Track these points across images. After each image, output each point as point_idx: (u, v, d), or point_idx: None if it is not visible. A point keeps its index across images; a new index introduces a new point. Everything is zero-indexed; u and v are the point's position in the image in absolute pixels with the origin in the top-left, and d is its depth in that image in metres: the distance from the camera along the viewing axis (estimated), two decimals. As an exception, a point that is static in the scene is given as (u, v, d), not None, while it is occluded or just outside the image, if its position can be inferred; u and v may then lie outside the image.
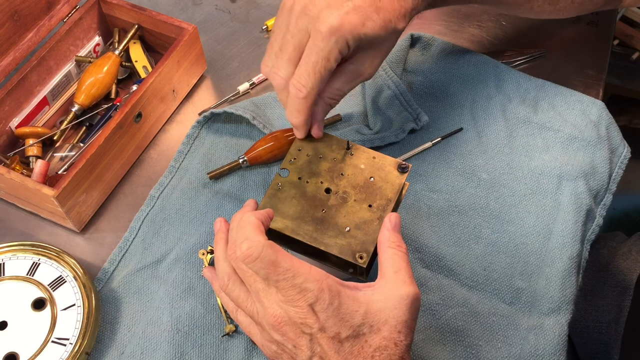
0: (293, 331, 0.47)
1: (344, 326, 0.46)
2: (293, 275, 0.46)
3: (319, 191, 0.56)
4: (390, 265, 0.49)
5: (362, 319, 0.46)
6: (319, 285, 0.46)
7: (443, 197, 0.69)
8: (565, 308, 0.62)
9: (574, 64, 0.81)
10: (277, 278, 0.46)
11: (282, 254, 0.47)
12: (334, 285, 0.47)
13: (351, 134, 0.72)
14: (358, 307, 0.47)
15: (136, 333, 0.61)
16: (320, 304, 0.46)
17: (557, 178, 0.69)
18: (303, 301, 0.46)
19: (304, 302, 0.46)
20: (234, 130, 0.74)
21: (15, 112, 0.71)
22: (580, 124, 0.73)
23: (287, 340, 0.47)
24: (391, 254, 0.50)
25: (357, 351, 0.46)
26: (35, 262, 0.62)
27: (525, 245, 0.66)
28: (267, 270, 0.46)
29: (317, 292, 0.46)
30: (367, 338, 0.46)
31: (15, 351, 0.58)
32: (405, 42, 0.78)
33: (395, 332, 0.46)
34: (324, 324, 0.46)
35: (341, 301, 0.46)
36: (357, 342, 0.46)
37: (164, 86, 0.72)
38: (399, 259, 0.50)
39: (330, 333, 0.46)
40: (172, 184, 0.71)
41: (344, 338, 0.46)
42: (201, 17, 0.87)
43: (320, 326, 0.46)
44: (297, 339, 0.47)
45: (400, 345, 0.46)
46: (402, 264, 0.49)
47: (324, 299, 0.46)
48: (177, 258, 0.65)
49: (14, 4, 0.70)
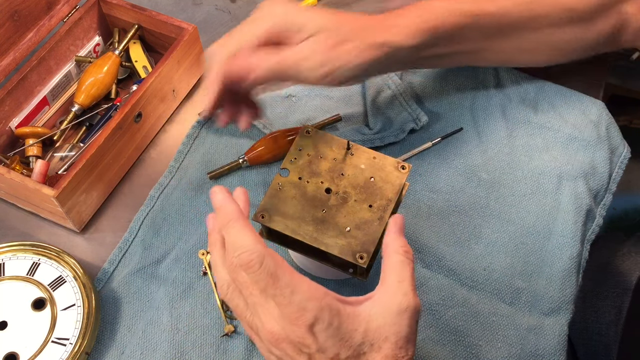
0: (291, 349, 0.45)
1: (343, 347, 0.44)
2: (292, 291, 0.44)
3: (319, 191, 0.56)
4: (394, 274, 0.47)
5: (362, 337, 0.45)
6: (319, 304, 0.44)
7: (443, 197, 0.69)
8: (565, 308, 0.62)
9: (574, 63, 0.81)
10: (275, 293, 0.44)
11: (282, 267, 0.45)
12: (333, 304, 0.45)
13: (351, 134, 0.72)
14: (358, 325, 0.45)
15: (136, 333, 0.61)
16: (319, 325, 0.44)
17: (557, 178, 0.70)
18: (301, 321, 0.44)
19: (302, 322, 0.43)
20: (234, 130, 0.74)
21: (15, 112, 0.71)
22: (580, 124, 0.73)
23: (286, 356, 0.46)
24: (397, 261, 0.48)
25: None
26: (35, 262, 0.62)
27: (525, 245, 0.66)
28: (265, 282, 0.44)
29: (316, 312, 0.43)
30: (368, 357, 0.45)
31: (15, 351, 0.58)
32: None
33: (396, 348, 0.45)
34: (322, 345, 0.44)
35: (341, 320, 0.44)
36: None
37: (164, 86, 0.72)
38: (405, 267, 0.47)
39: (329, 354, 0.44)
40: (172, 184, 0.71)
41: (343, 359, 0.44)
42: (201, 17, 0.87)
43: (318, 347, 0.44)
44: (295, 356, 0.45)
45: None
46: (407, 274, 0.47)
47: (324, 320, 0.44)
48: (177, 258, 0.65)
49: (14, 4, 0.70)
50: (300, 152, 0.58)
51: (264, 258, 0.44)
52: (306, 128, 0.59)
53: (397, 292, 0.46)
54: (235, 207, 0.47)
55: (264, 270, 0.44)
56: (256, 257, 0.44)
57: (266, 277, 0.44)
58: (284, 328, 0.45)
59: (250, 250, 0.44)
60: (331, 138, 0.59)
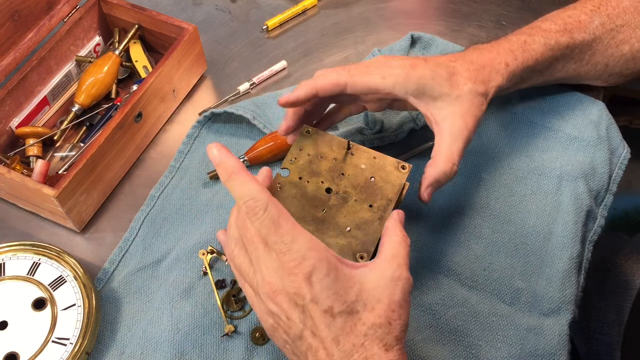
0: (286, 302, 0.46)
1: (337, 300, 0.45)
2: (292, 239, 0.45)
3: (319, 191, 0.56)
4: (390, 249, 0.49)
5: (356, 295, 0.46)
6: (318, 255, 0.45)
7: (443, 197, 0.69)
8: (566, 308, 0.62)
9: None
10: (276, 240, 0.45)
11: (284, 216, 0.46)
12: (332, 259, 0.46)
13: (351, 134, 0.72)
14: (353, 284, 0.46)
15: (136, 333, 0.61)
16: (316, 274, 0.45)
17: (557, 178, 0.69)
18: (299, 269, 0.45)
19: (299, 270, 0.45)
20: (235, 130, 0.74)
21: (16, 112, 0.72)
22: (580, 124, 0.73)
23: (281, 312, 0.47)
24: (394, 240, 0.50)
25: (349, 328, 0.45)
26: (36, 262, 0.62)
27: (525, 246, 0.66)
28: (268, 229, 0.46)
29: (314, 262, 0.45)
30: (361, 316, 0.46)
31: (15, 351, 0.58)
32: (406, 42, 0.78)
33: (389, 310, 0.46)
34: (317, 295, 0.45)
35: (337, 275, 0.46)
36: (350, 319, 0.46)
37: (164, 86, 0.72)
38: (400, 246, 0.50)
39: (322, 306, 0.45)
40: (173, 184, 0.71)
41: (336, 313, 0.45)
42: (201, 17, 0.87)
43: (312, 297, 0.45)
44: (289, 311, 0.46)
45: (394, 324, 0.46)
46: (402, 251, 0.49)
47: (321, 270, 0.45)
48: (177, 258, 0.65)
49: (14, 3, 0.70)
50: (301, 152, 0.58)
51: (267, 205, 0.46)
52: (306, 128, 0.59)
53: (391, 262, 0.48)
54: (234, 161, 0.48)
55: (267, 216, 0.46)
56: (261, 204, 0.46)
57: (269, 224, 0.46)
58: (282, 278, 0.46)
59: (255, 198, 0.46)
60: (331, 138, 0.59)
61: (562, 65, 0.68)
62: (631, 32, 0.67)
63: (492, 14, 0.86)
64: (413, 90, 0.58)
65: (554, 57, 0.66)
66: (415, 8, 0.88)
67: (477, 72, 0.61)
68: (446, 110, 0.59)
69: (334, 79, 0.58)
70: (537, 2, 0.88)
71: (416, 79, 0.58)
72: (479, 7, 0.87)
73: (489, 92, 0.61)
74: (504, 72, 0.62)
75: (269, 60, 0.82)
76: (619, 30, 0.67)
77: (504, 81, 0.62)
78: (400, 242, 0.50)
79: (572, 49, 0.67)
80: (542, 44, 0.65)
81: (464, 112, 0.59)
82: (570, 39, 0.66)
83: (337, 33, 0.85)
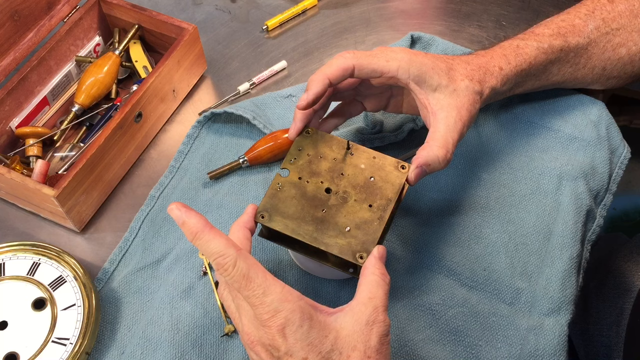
0: (264, 352, 0.46)
1: (312, 351, 0.45)
2: (264, 292, 0.45)
3: (319, 191, 0.56)
4: (366, 290, 0.49)
5: (331, 345, 0.45)
6: (291, 306, 0.45)
7: (443, 197, 0.69)
8: (565, 308, 0.62)
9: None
10: (248, 294, 0.45)
11: (255, 268, 0.45)
12: (306, 308, 0.45)
13: (351, 134, 0.72)
14: (328, 332, 0.46)
15: (136, 333, 0.61)
16: (289, 326, 0.44)
17: (557, 178, 0.69)
18: (272, 322, 0.44)
19: (272, 322, 0.44)
20: (234, 130, 0.74)
21: (16, 112, 0.72)
22: (580, 124, 0.73)
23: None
24: (372, 280, 0.49)
25: None
26: (36, 262, 0.62)
27: (525, 245, 0.66)
28: (239, 283, 0.45)
29: (287, 314, 0.44)
30: None
31: (15, 351, 0.58)
32: (406, 42, 0.78)
33: (365, 357, 0.45)
34: (291, 348, 0.45)
35: (312, 325, 0.45)
36: None
37: (164, 86, 0.72)
38: (378, 286, 0.49)
39: (297, 358, 0.45)
40: (173, 184, 0.71)
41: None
42: (201, 17, 0.87)
43: (287, 349, 0.45)
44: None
45: None
46: (379, 293, 0.48)
47: (294, 322, 0.44)
48: (177, 258, 0.65)
49: (14, 4, 0.70)
50: (300, 152, 0.58)
51: (236, 260, 0.45)
52: (306, 128, 0.60)
53: (367, 305, 0.47)
54: (197, 219, 0.47)
55: (237, 271, 0.45)
56: (229, 260, 0.45)
57: (240, 279, 0.45)
58: (257, 329, 0.46)
59: (224, 254, 0.45)
60: (331, 138, 0.59)
61: (558, 69, 0.68)
62: (628, 35, 0.67)
63: (492, 14, 0.86)
64: (415, 76, 0.59)
65: (548, 60, 0.66)
66: (415, 8, 0.88)
67: (474, 72, 0.61)
68: (444, 102, 0.59)
69: (342, 64, 0.58)
70: (537, 2, 0.88)
71: (418, 64, 0.59)
72: (479, 7, 0.87)
73: (484, 92, 0.62)
74: (497, 75, 0.63)
75: (269, 60, 0.82)
76: (615, 33, 0.67)
77: (499, 84, 0.63)
78: (378, 282, 0.49)
79: (566, 52, 0.67)
80: (535, 48, 0.65)
81: (460, 106, 0.59)
82: (564, 42, 0.66)
83: (337, 33, 0.85)
